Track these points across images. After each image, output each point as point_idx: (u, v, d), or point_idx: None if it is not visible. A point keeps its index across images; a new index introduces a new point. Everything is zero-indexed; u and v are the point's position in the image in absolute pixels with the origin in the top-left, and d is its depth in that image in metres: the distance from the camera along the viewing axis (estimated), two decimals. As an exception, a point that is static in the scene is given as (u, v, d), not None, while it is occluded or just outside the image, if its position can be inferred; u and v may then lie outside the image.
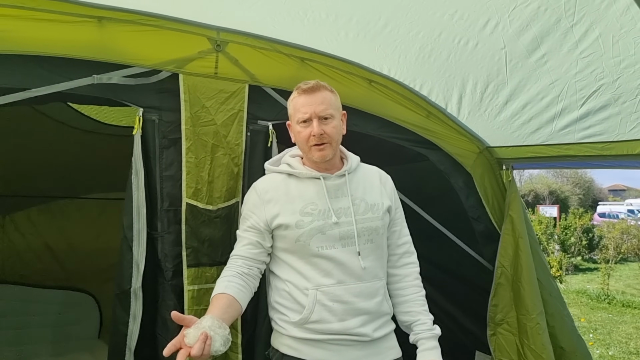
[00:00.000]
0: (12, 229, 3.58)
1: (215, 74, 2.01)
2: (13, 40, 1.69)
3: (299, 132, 1.77)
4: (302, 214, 1.75)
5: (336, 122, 1.76)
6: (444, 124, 2.57)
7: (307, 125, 1.74)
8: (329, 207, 1.76)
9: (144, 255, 1.92)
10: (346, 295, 1.74)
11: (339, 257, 1.74)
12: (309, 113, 1.72)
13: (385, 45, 2.06)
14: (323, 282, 1.74)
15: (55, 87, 1.75)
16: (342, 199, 1.80)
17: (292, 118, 1.80)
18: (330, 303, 1.73)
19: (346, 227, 1.76)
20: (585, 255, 12.70)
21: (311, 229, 1.73)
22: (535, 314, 2.49)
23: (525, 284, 2.54)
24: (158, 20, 1.89)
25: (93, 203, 3.74)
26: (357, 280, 1.76)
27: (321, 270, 1.74)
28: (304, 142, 1.76)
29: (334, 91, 1.80)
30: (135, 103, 1.91)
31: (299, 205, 1.76)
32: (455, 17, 1.74)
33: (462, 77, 2.17)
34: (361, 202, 1.82)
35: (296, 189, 1.80)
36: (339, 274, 1.74)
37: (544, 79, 1.99)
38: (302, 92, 1.75)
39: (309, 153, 1.77)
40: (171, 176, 1.98)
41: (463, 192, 2.69)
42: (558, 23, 1.65)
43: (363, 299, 1.76)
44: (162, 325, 1.97)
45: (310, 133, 1.73)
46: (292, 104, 1.79)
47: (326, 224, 1.74)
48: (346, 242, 1.76)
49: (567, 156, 2.39)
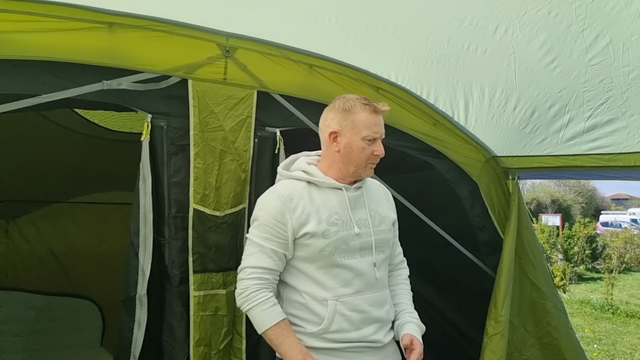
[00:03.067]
0: (17, 234, 3.57)
1: (224, 79, 2.01)
2: (23, 46, 1.70)
3: (362, 148, 1.77)
4: (329, 224, 1.76)
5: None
6: (450, 132, 2.57)
7: (370, 143, 1.78)
8: (351, 217, 1.80)
9: (150, 261, 1.91)
10: (363, 305, 1.79)
11: (359, 267, 1.79)
12: (380, 134, 1.78)
13: (393, 51, 2.06)
14: (342, 292, 1.77)
15: (64, 93, 1.75)
16: (360, 210, 1.84)
17: (355, 131, 1.77)
18: (349, 313, 1.76)
19: (366, 238, 1.80)
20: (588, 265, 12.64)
21: (337, 239, 1.75)
22: (503, 320, 2.46)
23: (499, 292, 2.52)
24: (168, 25, 1.89)
25: (97, 208, 3.73)
26: (372, 289, 1.81)
27: (341, 280, 1.77)
28: (365, 159, 1.79)
29: None
30: (144, 109, 1.91)
31: (325, 214, 1.77)
32: (464, 22, 1.74)
33: (470, 83, 2.17)
34: (376, 214, 1.87)
35: (320, 197, 1.80)
36: (358, 284, 1.78)
37: (552, 85, 1.99)
38: (373, 111, 1.77)
39: (363, 169, 1.81)
40: (179, 182, 1.97)
41: (468, 202, 2.68)
42: (568, 28, 1.65)
43: (376, 308, 1.82)
44: (168, 331, 1.96)
45: (373, 152, 1.78)
46: (359, 118, 1.76)
47: (349, 235, 1.78)
48: (364, 252, 1.81)
49: (573, 167, 2.38)
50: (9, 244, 3.54)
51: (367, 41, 1.97)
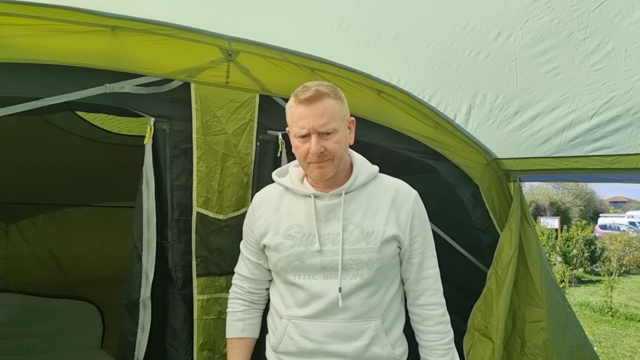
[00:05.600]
0: (18, 237, 3.57)
1: (227, 83, 2.02)
2: (26, 49, 1.70)
3: (296, 147, 1.56)
4: (285, 236, 1.60)
5: (340, 136, 1.53)
6: (452, 135, 2.58)
7: (305, 140, 1.52)
8: (315, 231, 1.57)
9: (154, 265, 1.92)
10: (316, 334, 1.55)
11: (317, 290, 1.55)
12: (307, 128, 1.49)
13: (395, 56, 2.07)
14: (296, 314, 1.59)
15: (67, 96, 1.75)
16: (333, 222, 1.58)
17: (290, 129, 1.59)
18: (298, 338, 1.58)
19: (330, 256, 1.55)
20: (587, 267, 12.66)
21: (289, 255, 1.58)
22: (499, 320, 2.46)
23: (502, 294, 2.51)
24: (170, 29, 1.90)
25: (98, 211, 3.74)
26: (334, 318, 1.55)
27: (297, 300, 1.59)
28: (302, 159, 1.57)
29: (338, 96, 1.56)
30: (147, 112, 1.91)
31: (285, 225, 1.62)
32: (467, 28, 1.75)
33: (471, 88, 2.18)
34: (355, 228, 1.57)
35: (287, 206, 1.65)
36: (316, 308, 1.55)
37: (555, 91, 1.99)
38: (299, 102, 1.51)
39: (307, 170, 1.58)
40: (181, 185, 1.97)
41: (470, 204, 2.69)
42: (570, 36, 1.65)
43: (337, 341, 1.54)
44: (171, 335, 1.96)
45: (308, 150, 1.51)
46: (289, 113, 1.57)
47: (307, 251, 1.56)
48: (329, 273, 1.55)
49: (575, 169, 2.38)
50: (10, 246, 3.54)
51: (369, 46, 1.97)
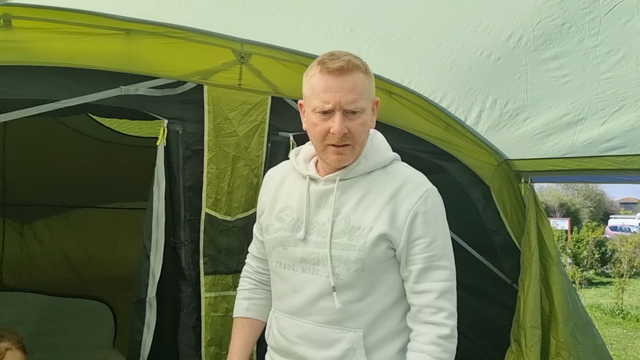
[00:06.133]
0: (31, 238, 3.61)
1: (239, 85, 2.03)
2: (43, 52, 1.73)
3: (314, 124, 1.34)
4: (276, 218, 1.48)
5: (365, 118, 1.34)
6: (462, 135, 2.58)
7: (326, 117, 1.31)
8: (304, 218, 1.41)
9: (161, 265, 1.94)
10: (289, 331, 1.42)
11: (294, 283, 1.40)
12: (332, 103, 1.29)
13: (406, 57, 2.07)
14: (277, 306, 1.49)
15: (82, 98, 1.78)
16: (323, 210, 1.41)
17: (307, 102, 1.37)
18: (276, 332, 1.47)
19: (312, 247, 1.38)
20: (597, 269, 12.56)
21: (274, 239, 1.45)
22: (530, 326, 2.44)
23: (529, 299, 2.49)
24: (184, 32, 1.92)
25: (110, 213, 3.77)
26: (309, 319, 1.38)
27: (277, 291, 1.48)
28: (319, 139, 1.35)
29: (368, 71, 1.37)
30: (161, 114, 1.93)
31: (279, 206, 1.50)
32: (479, 28, 1.74)
33: (482, 90, 2.18)
34: (342, 220, 1.38)
35: (287, 186, 1.52)
36: (293, 303, 1.41)
37: (565, 98, 1.98)
38: (326, 72, 1.29)
39: (323, 153, 1.37)
40: (192, 186, 1.99)
41: (481, 205, 2.68)
42: (581, 43, 1.63)
43: (308, 345, 1.38)
44: (183, 331, 1.99)
45: (328, 129, 1.31)
46: (310, 83, 1.34)
47: (291, 238, 1.41)
48: (307, 267, 1.38)
49: (588, 169, 2.38)
50: (24, 247, 3.58)
51: (381, 48, 1.98)
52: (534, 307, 2.46)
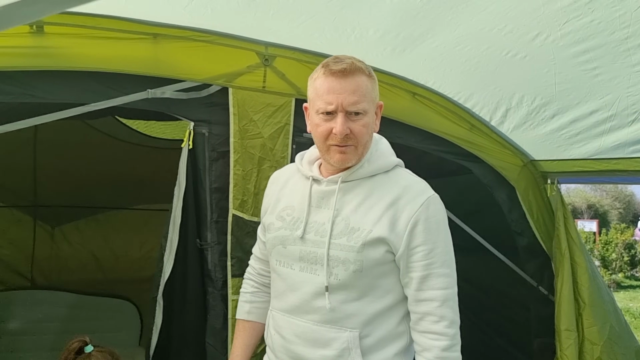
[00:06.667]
0: (61, 239, 3.70)
1: (263, 87, 2.05)
2: (73, 57, 1.77)
3: (317, 125, 1.37)
4: (277, 217, 1.51)
5: (368, 119, 1.37)
6: (487, 136, 2.55)
7: (329, 118, 1.34)
8: (304, 217, 1.43)
9: (171, 264, 1.96)
10: (285, 330, 1.44)
11: (292, 281, 1.43)
12: (335, 104, 1.32)
13: (430, 59, 2.07)
14: (274, 305, 1.51)
15: (111, 101, 1.82)
16: (323, 211, 1.43)
17: (311, 104, 1.41)
18: (273, 331, 1.49)
19: (310, 247, 1.40)
20: (627, 272, 12.25)
21: (275, 237, 1.48)
22: (564, 329, 2.40)
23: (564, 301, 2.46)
24: (209, 36, 1.94)
25: (137, 214, 3.84)
26: (306, 318, 1.40)
27: (275, 290, 1.51)
28: (322, 139, 1.37)
29: (371, 75, 1.40)
30: (187, 117, 1.96)
31: (281, 205, 1.53)
32: (504, 30, 1.73)
33: (508, 89, 2.15)
34: (342, 221, 1.39)
35: (291, 186, 1.55)
36: (290, 301, 1.43)
37: (595, 92, 1.95)
38: (329, 74, 1.33)
39: (327, 154, 1.40)
40: (219, 188, 2.01)
41: (506, 206, 2.65)
42: (612, 35, 1.62)
43: (304, 344, 1.40)
44: (211, 334, 2.00)
45: (331, 129, 1.34)
46: (314, 86, 1.38)
47: (290, 237, 1.44)
48: (305, 266, 1.40)
49: (616, 171, 2.33)
50: (54, 248, 3.68)
51: (405, 51, 1.98)
52: (568, 310, 2.42)
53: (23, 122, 1.69)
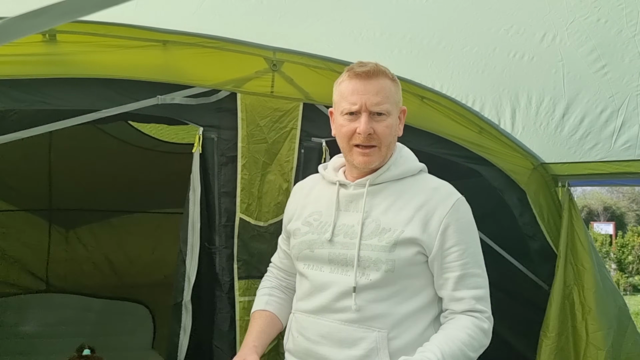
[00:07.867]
0: (76, 242, 3.75)
1: (272, 92, 2.07)
2: (85, 65, 1.81)
3: (340, 126, 1.41)
4: (304, 223, 1.52)
5: (391, 121, 1.40)
6: (496, 139, 2.54)
7: (353, 118, 1.38)
8: (332, 220, 1.44)
9: (196, 269, 1.98)
10: (311, 331, 1.42)
11: (320, 282, 1.42)
12: (359, 104, 1.36)
13: (438, 62, 2.07)
14: (299, 307, 1.50)
15: (122, 107, 1.84)
16: (352, 214, 1.44)
17: (336, 106, 1.45)
18: (296, 334, 1.48)
19: (340, 249, 1.40)
20: (644, 275, 12.05)
21: (302, 242, 1.49)
22: (555, 334, 2.40)
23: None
24: (218, 42, 1.96)
25: (150, 218, 3.88)
26: (332, 317, 1.39)
27: (302, 292, 1.50)
28: (346, 140, 1.41)
29: (395, 79, 1.45)
30: (196, 122, 1.98)
31: (307, 211, 1.54)
32: (510, 31, 1.73)
33: (516, 91, 2.15)
34: (372, 222, 1.40)
35: (316, 193, 1.57)
36: (317, 301, 1.42)
37: (603, 91, 1.94)
38: (354, 76, 1.38)
39: (350, 155, 1.42)
40: (228, 192, 2.04)
41: (517, 209, 2.63)
42: (619, 34, 1.61)
43: (330, 344, 1.38)
44: (218, 336, 2.02)
45: (355, 129, 1.37)
46: (339, 89, 1.44)
47: (318, 240, 1.45)
48: (335, 267, 1.41)
49: (628, 173, 2.31)
50: (69, 251, 3.73)
51: (412, 53, 1.98)
52: (554, 314, 2.42)
53: (38, 129, 1.72)
